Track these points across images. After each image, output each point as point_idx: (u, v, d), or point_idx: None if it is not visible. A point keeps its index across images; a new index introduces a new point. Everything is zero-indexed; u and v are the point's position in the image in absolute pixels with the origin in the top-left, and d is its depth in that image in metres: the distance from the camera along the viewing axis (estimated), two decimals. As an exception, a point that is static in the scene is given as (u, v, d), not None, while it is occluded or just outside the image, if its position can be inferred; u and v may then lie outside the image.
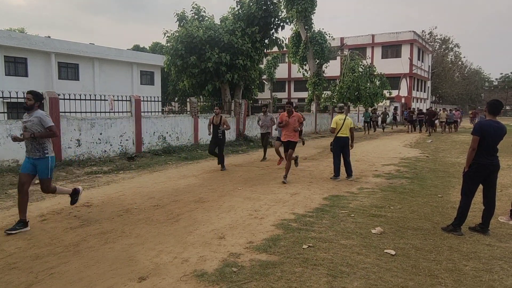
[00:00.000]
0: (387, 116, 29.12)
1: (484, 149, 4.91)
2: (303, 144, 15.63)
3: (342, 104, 9.83)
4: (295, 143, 8.86)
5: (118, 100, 12.66)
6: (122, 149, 12.31)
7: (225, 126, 10.47)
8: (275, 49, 20.89)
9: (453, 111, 27.24)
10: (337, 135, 9.07)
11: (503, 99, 78.62)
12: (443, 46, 64.40)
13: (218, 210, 6.26)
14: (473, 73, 77.65)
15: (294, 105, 9.41)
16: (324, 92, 26.90)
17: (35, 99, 5.26)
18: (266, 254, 4.34)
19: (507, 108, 77.63)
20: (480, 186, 5.11)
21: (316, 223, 5.51)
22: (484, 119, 5.14)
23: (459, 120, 28.18)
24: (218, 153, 10.58)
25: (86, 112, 11.77)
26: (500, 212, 5.99)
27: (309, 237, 4.88)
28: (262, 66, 37.42)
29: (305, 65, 27.86)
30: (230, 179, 9.12)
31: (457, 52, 67.39)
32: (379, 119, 28.06)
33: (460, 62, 70.47)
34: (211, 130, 10.63)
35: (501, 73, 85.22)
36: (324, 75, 27.69)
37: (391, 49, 42.12)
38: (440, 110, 28.64)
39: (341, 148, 9.12)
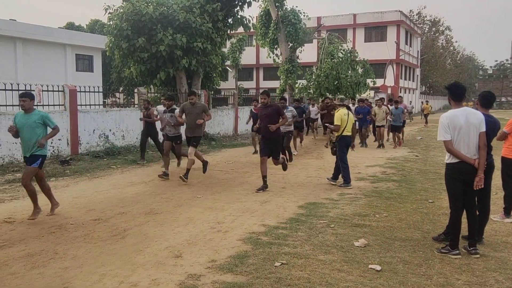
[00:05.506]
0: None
1: None
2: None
3: (342, 96, 9.90)
4: None
5: (48, 90, 12.27)
6: (53, 150, 11.96)
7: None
8: (241, 30, 20.87)
9: (399, 104, 16.94)
10: (343, 134, 9.09)
11: (498, 90, 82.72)
12: (433, 29, 66.88)
13: (174, 224, 6.21)
14: (466, 60, 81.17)
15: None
16: (299, 81, 27.19)
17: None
18: (231, 274, 4.36)
19: (503, 99, 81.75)
20: None
21: (290, 236, 5.58)
22: None
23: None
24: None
25: (6, 105, 11.33)
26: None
27: (282, 253, 4.94)
28: (225, 50, 37.33)
29: (276, 49, 28.04)
30: (187, 186, 9.07)
31: (448, 36, 70.28)
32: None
33: (451, 48, 73.50)
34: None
35: (496, 61, 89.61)
36: (299, 61, 27.99)
37: (376, 31, 43.23)
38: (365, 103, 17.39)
39: (347, 149, 9.22)
